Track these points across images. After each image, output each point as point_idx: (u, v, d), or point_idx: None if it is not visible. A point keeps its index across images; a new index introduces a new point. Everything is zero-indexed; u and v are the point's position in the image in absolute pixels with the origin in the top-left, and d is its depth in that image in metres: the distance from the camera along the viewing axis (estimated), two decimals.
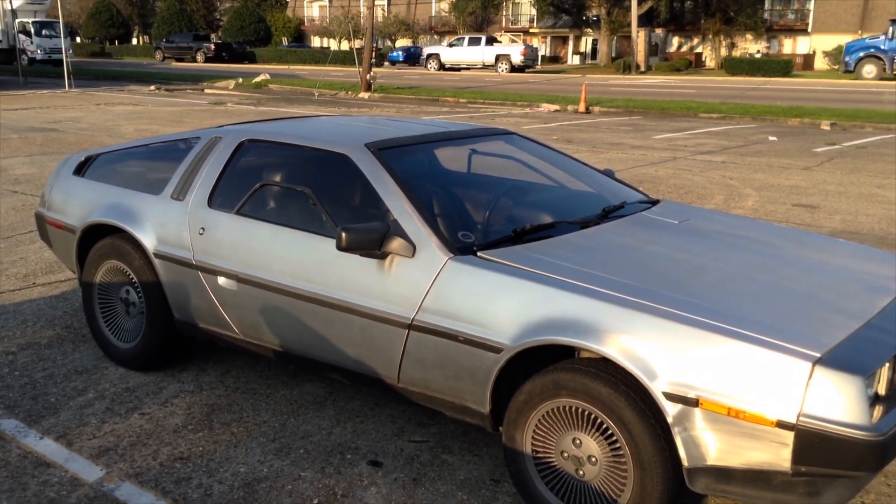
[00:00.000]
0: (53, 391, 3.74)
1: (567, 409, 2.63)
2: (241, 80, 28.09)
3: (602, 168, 4.24)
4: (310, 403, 3.65)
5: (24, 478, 3.00)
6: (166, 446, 3.26)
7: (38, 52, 36.93)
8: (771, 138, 14.57)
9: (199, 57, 49.17)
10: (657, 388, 2.42)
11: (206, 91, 25.46)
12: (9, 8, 34.66)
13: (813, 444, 2.26)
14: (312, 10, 70.41)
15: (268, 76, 28.90)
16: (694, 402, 2.38)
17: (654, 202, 3.81)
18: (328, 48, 57.47)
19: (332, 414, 3.56)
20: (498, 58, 40.39)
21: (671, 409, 2.41)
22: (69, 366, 4.03)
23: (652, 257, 2.99)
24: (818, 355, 2.31)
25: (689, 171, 10.56)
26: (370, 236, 2.91)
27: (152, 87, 25.60)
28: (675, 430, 2.42)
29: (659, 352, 2.44)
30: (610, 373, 2.53)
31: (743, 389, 2.33)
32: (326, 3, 67.69)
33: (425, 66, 43.09)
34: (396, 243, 2.96)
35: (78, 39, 63.99)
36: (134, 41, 68.54)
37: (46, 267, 5.69)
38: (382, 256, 2.99)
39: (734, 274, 2.90)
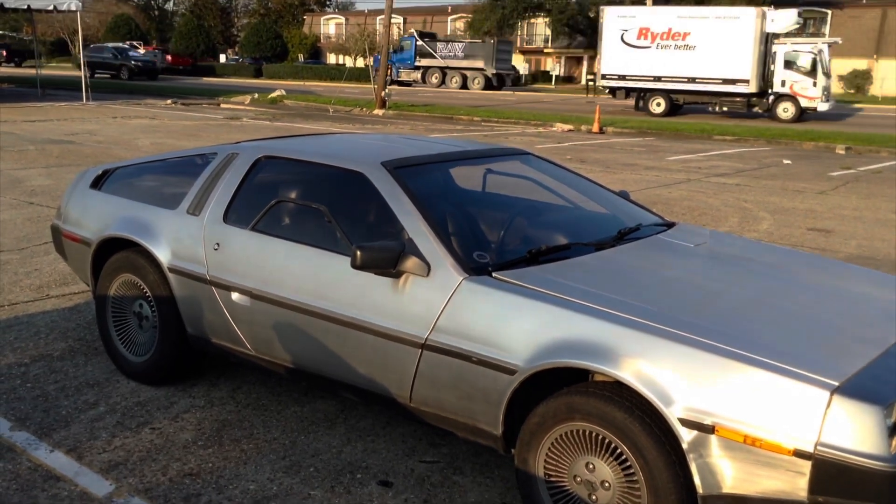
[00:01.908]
0: (65, 404, 3.74)
1: (581, 432, 2.61)
2: (256, 95, 28.30)
3: (617, 189, 4.22)
4: (321, 421, 3.64)
5: (34, 491, 2.99)
6: (176, 462, 3.25)
7: (822, 98, 23.36)
8: (785, 161, 14.53)
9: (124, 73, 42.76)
10: (673, 414, 2.39)
11: (222, 106, 25.65)
12: (768, 30, 23.51)
13: (830, 474, 2.23)
14: (329, 27, 70.88)
15: (283, 92, 29.11)
16: (710, 429, 2.35)
17: (670, 225, 3.79)
18: (344, 65, 57.85)
19: (343, 432, 3.54)
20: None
21: (687, 436, 2.38)
22: (81, 378, 4.03)
23: (668, 281, 2.98)
24: (836, 384, 2.28)
25: (704, 193, 10.53)
26: (385, 255, 2.91)
27: (168, 101, 25.81)
28: (691, 457, 2.39)
29: (675, 377, 2.42)
30: (625, 397, 2.51)
31: (760, 417, 2.30)
32: (343, 21, 68.15)
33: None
34: (411, 262, 2.95)
35: None
36: None
37: (60, 279, 5.71)
38: (397, 275, 2.98)
39: (751, 299, 2.87)
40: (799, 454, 2.25)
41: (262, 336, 3.45)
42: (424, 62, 43.91)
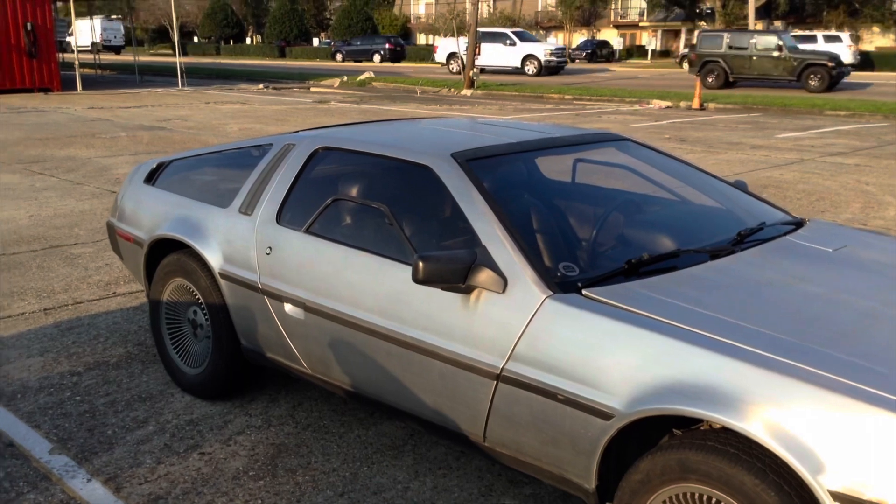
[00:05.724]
0: (112, 421, 3.42)
1: (696, 497, 2.07)
2: (345, 78, 28.18)
3: (723, 176, 3.60)
4: (387, 448, 3.20)
5: None
6: (222, 497, 2.87)
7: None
8: None
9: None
10: (822, 486, 1.83)
11: (312, 90, 25.60)
12: None
13: None
14: (419, 7, 70.61)
15: (372, 74, 28.89)
16: None
17: (800, 223, 3.17)
18: (433, 45, 57.46)
19: (411, 463, 3.09)
20: None
21: None
22: (134, 391, 3.71)
23: (805, 299, 2.38)
24: None
25: (819, 174, 9.61)
26: (453, 267, 2.42)
27: (260, 86, 25.93)
28: None
29: (826, 435, 1.85)
30: (755, 456, 1.96)
31: None
32: (432, 1, 67.71)
33: None
34: (484, 275, 2.46)
35: (196, 39, 66.17)
36: (247, 41, 70.47)
37: (130, 275, 5.46)
38: (467, 290, 2.49)
39: None
40: None
41: (317, 354, 3.03)
42: None
